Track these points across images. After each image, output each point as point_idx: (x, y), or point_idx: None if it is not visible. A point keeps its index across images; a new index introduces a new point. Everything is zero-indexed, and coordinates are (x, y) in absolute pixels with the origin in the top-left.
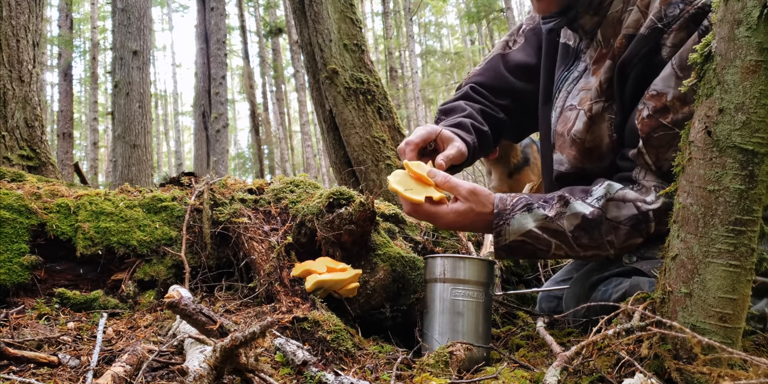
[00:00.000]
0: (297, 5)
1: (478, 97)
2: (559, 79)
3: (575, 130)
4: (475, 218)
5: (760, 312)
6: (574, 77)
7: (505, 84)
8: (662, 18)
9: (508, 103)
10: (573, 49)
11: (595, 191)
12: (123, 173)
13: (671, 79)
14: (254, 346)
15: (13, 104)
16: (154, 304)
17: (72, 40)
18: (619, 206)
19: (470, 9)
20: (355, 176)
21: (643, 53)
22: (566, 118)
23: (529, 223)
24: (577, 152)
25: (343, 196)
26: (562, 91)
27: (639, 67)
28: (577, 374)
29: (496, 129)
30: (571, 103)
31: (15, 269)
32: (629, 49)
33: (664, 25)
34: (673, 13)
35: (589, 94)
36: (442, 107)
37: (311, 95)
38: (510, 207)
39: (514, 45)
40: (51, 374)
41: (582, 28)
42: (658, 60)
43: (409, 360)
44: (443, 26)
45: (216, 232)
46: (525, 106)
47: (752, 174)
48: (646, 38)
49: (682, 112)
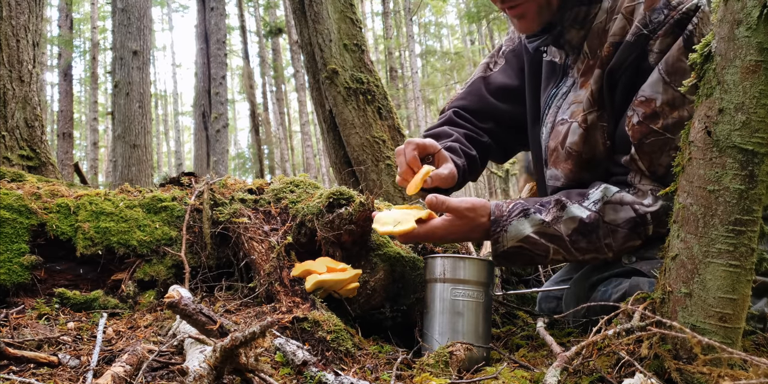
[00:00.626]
0: (297, 5)
1: (461, 122)
2: (548, 97)
3: (570, 142)
4: (473, 227)
5: (760, 312)
6: (563, 92)
7: (488, 107)
8: (647, 24)
9: (492, 126)
10: (560, 66)
11: (592, 194)
12: (123, 173)
13: (659, 84)
14: (254, 346)
15: (13, 104)
16: (154, 304)
17: (72, 40)
18: (616, 209)
19: (470, 9)
20: (355, 176)
21: (630, 60)
22: (558, 133)
23: (526, 229)
24: (573, 165)
25: (343, 196)
26: (551, 107)
27: (627, 74)
28: (577, 374)
29: (482, 153)
30: (562, 118)
31: (15, 269)
32: (616, 57)
33: (649, 31)
34: (658, 19)
35: (581, 106)
36: (428, 133)
37: (311, 95)
38: (506, 213)
39: (495, 67)
40: (51, 374)
41: (569, 43)
42: (646, 66)
43: (409, 360)
44: (443, 26)
45: (216, 232)
46: (509, 128)
47: (752, 174)
48: (632, 45)
49: (671, 117)
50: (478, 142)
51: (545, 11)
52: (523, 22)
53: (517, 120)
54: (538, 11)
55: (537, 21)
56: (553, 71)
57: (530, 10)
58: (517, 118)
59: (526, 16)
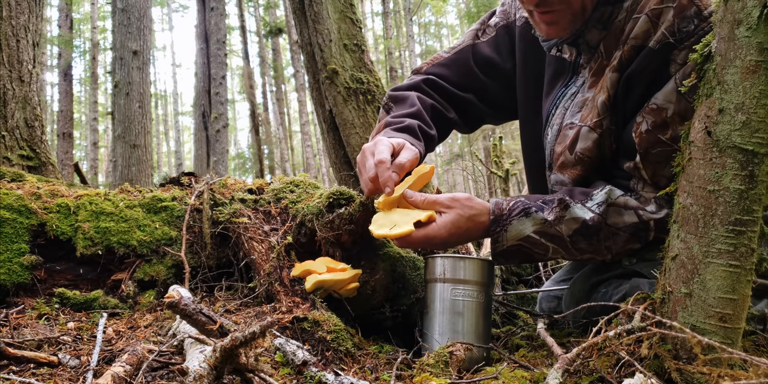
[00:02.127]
0: (297, 5)
1: (431, 92)
2: (556, 95)
3: (582, 148)
4: (469, 225)
5: (760, 312)
6: (572, 93)
7: (471, 79)
8: (675, 33)
9: (470, 97)
10: (570, 64)
11: (596, 196)
12: (123, 173)
13: (673, 94)
14: (254, 346)
15: (13, 104)
16: (154, 304)
17: (72, 40)
18: (620, 213)
19: (470, 9)
20: (355, 176)
21: (652, 68)
22: (565, 136)
23: (527, 229)
24: (583, 170)
25: (343, 196)
26: (559, 108)
27: (645, 81)
28: (577, 374)
29: (442, 129)
30: (570, 121)
31: (15, 269)
32: (637, 62)
33: (676, 40)
34: (687, 29)
35: (594, 110)
36: (393, 93)
37: (311, 95)
38: (507, 212)
39: (483, 35)
40: (51, 374)
41: (588, 43)
42: (666, 76)
43: (409, 360)
44: (443, 26)
45: (216, 232)
46: (488, 103)
47: (752, 174)
48: (655, 53)
49: (681, 129)
50: (443, 118)
51: (579, 19)
52: (553, 28)
53: (498, 97)
54: (572, 19)
55: (569, 29)
56: (562, 69)
57: (564, 19)
58: (499, 96)
59: (559, 24)
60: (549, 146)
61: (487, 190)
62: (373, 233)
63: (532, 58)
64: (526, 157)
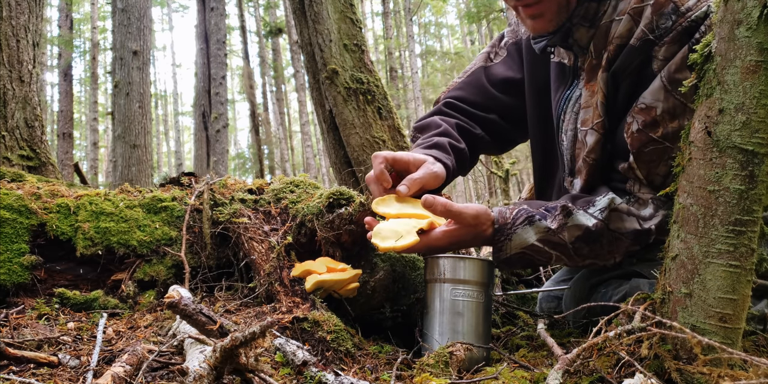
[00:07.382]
0: (297, 5)
1: (453, 112)
2: (560, 100)
3: (588, 151)
4: (475, 236)
5: (760, 313)
6: (577, 96)
7: (490, 98)
8: (654, 29)
9: (494, 117)
10: (570, 69)
11: (599, 202)
12: (123, 173)
13: (660, 92)
14: (254, 346)
15: (13, 104)
16: (154, 304)
17: (72, 40)
18: (622, 218)
19: (470, 9)
20: (355, 176)
21: (634, 65)
22: (582, 143)
23: (530, 238)
24: (588, 175)
25: (343, 196)
26: (568, 113)
27: (630, 79)
28: (577, 374)
29: (473, 145)
30: (583, 128)
31: (15, 269)
32: (620, 60)
33: (655, 37)
34: (665, 25)
35: (595, 112)
36: (417, 124)
37: (311, 95)
38: (511, 221)
39: (496, 58)
40: (51, 374)
41: (577, 43)
42: (649, 72)
43: (409, 360)
44: (443, 26)
45: (216, 232)
46: (513, 122)
47: (752, 174)
48: (637, 50)
49: (671, 126)
50: (470, 134)
51: (564, 10)
52: (539, 21)
53: (523, 114)
54: (558, 10)
55: (555, 21)
56: (563, 73)
57: (550, 10)
58: (522, 113)
59: (544, 16)
60: (568, 152)
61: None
62: (378, 247)
63: (539, 67)
64: (537, 164)
